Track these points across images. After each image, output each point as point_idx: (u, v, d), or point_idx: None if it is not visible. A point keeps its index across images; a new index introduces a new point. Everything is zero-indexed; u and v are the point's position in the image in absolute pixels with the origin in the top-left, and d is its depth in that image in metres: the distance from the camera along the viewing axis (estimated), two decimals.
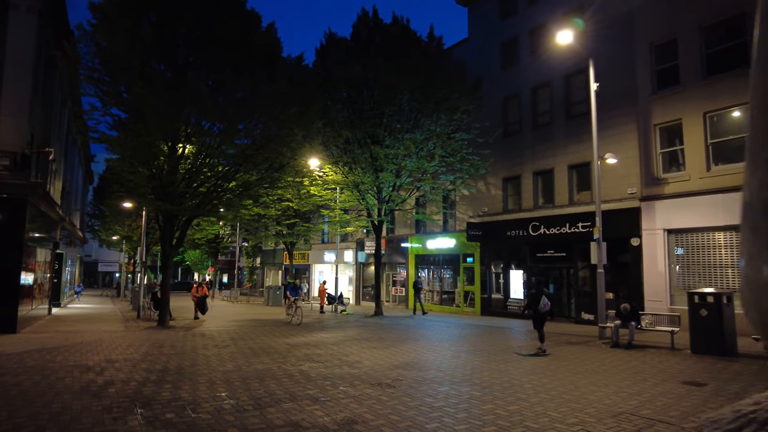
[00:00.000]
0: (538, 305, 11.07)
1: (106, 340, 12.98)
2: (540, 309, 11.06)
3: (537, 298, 11.19)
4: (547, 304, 11.11)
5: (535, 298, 11.26)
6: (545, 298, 11.15)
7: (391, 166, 18.60)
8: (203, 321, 19.37)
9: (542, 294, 11.24)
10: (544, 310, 11.05)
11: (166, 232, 17.07)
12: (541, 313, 11.08)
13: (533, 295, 11.43)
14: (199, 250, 47.72)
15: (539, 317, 11.12)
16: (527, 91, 21.31)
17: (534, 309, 11.18)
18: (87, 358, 9.98)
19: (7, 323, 13.99)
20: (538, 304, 11.09)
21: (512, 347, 12.20)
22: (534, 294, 11.48)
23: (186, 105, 13.55)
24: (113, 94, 13.83)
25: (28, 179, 14.47)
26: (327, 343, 12.59)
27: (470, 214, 23.17)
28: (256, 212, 24.44)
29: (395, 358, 10.23)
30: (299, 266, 37.48)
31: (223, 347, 11.80)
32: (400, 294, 27.73)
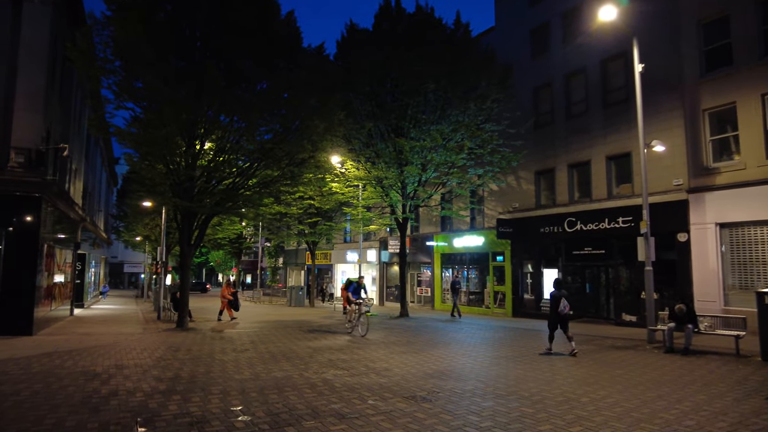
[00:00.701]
0: (558, 307, 10.74)
1: (121, 343, 12.39)
2: (560, 311, 10.72)
3: (557, 300, 10.82)
4: (567, 306, 10.77)
5: (555, 300, 10.87)
6: (565, 300, 10.80)
7: (417, 159, 17.63)
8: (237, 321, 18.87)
9: (562, 296, 10.85)
10: (564, 312, 10.73)
11: (184, 231, 16.48)
12: (561, 315, 10.75)
13: (553, 297, 11.03)
14: (222, 250, 47.63)
15: (560, 319, 10.81)
16: (560, 79, 20.12)
17: (554, 311, 10.86)
18: (97, 363, 9.33)
19: (22, 325, 13.54)
20: (558, 306, 10.74)
21: (554, 353, 11.12)
22: (553, 296, 11.03)
23: (202, 96, 12.85)
24: (126, 86, 13.24)
25: (43, 177, 14.01)
26: (352, 347, 11.74)
27: (500, 211, 22.06)
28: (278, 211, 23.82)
29: (427, 365, 9.29)
30: (322, 266, 36.82)
31: (242, 351, 11.05)
32: (426, 294, 26.75)
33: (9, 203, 13.64)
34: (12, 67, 14.12)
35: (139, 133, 13.42)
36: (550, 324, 11.08)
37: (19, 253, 13.69)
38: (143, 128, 13.35)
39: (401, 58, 17.01)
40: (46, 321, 15.95)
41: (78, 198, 22.73)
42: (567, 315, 10.82)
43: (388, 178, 18.68)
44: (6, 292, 13.47)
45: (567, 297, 10.95)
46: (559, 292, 10.99)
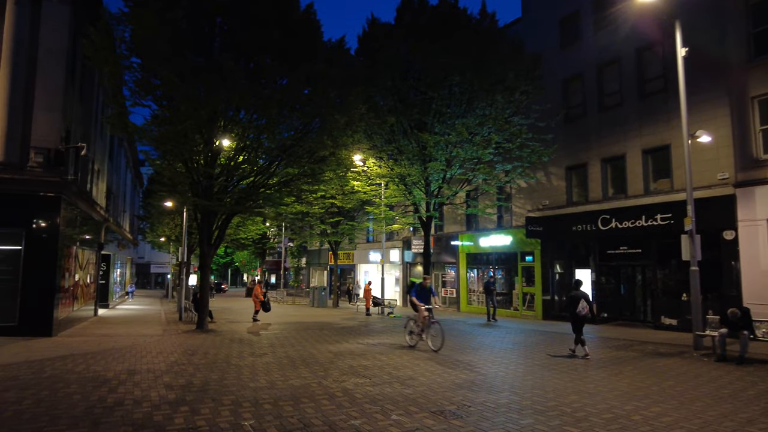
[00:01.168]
0: (576, 308, 10.51)
1: (138, 346, 12.07)
2: (578, 312, 10.49)
3: (575, 301, 10.57)
4: (585, 307, 10.51)
5: (573, 300, 10.63)
6: (584, 301, 10.55)
7: (441, 154, 16.91)
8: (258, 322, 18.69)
9: (580, 297, 10.60)
10: (582, 313, 10.48)
11: (203, 231, 16.16)
12: (579, 316, 10.50)
13: (570, 297, 10.84)
14: (246, 251, 47.69)
15: (578, 321, 10.56)
16: (591, 70, 19.13)
17: (572, 312, 10.65)
18: (109, 368, 8.96)
19: (41, 326, 13.39)
20: (576, 306, 10.51)
21: (593, 359, 10.31)
22: (572, 296, 10.81)
23: (219, 90, 12.43)
24: (143, 83, 12.94)
25: (62, 176, 13.85)
26: (374, 352, 11.14)
27: (528, 208, 21.16)
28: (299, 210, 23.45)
29: (455, 374, 8.62)
30: (344, 266, 36.38)
31: (260, 356, 10.57)
32: (451, 296, 25.98)
33: (29, 203, 13.52)
34: (31, 67, 14.01)
35: (157, 130, 13.08)
36: (574, 327, 10.76)
37: (39, 253, 13.55)
38: (160, 125, 13.02)
39: (425, 51, 16.36)
40: (68, 322, 15.85)
41: (101, 199, 22.76)
42: (585, 317, 10.51)
43: (411, 175, 18.02)
44: (26, 293, 13.35)
45: (586, 298, 10.67)
46: (577, 292, 10.73)
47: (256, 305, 19.70)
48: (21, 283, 13.37)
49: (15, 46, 13.79)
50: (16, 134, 13.68)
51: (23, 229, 13.50)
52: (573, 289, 11.16)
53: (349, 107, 13.49)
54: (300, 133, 15.28)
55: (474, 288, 24.56)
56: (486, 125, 16.59)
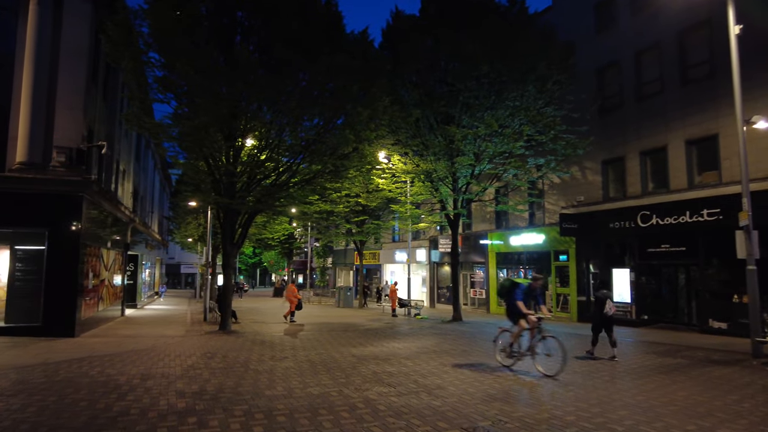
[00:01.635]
0: (604, 309, 10.38)
1: (158, 348, 11.77)
2: (606, 313, 10.36)
3: (602, 301, 10.45)
4: (612, 307, 10.44)
5: (600, 301, 10.52)
6: (610, 301, 10.46)
7: (469, 148, 16.11)
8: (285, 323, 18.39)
9: (607, 297, 10.50)
10: (609, 313, 10.37)
11: (226, 230, 15.85)
12: (607, 317, 10.36)
13: (598, 297, 10.68)
14: (273, 251, 47.73)
15: (605, 321, 10.40)
16: (629, 56, 18.04)
17: (599, 313, 10.49)
18: (124, 372, 8.60)
19: (64, 327, 13.27)
20: (603, 307, 10.39)
21: (637, 366, 9.44)
22: (598, 297, 10.67)
23: (237, 83, 12.02)
24: (161, 79, 12.65)
25: (83, 175, 13.72)
26: (399, 356, 10.51)
27: (562, 205, 20.17)
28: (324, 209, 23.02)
29: (488, 383, 7.91)
30: (370, 266, 35.88)
31: (280, 360, 10.08)
32: (480, 297, 25.12)
33: (52, 203, 13.41)
34: (54, 66, 13.93)
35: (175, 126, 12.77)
36: (594, 326, 10.65)
37: (62, 253, 13.44)
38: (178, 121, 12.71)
39: (451, 40, 15.63)
40: (93, 322, 15.77)
41: (127, 199, 22.84)
42: (613, 317, 10.40)
43: (438, 171, 17.27)
44: (49, 293, 13.26)
45: (612, 298, 10.49)
46: (604, 292, 10.60)
47: (292, 306, 19.38)
48: (44, 283, 13.30)
49: (37, 46, 13.72)
50: (39, 134, 13.61)
51: (46, 228, 13.41)
52: (599, 288, 10.99)
53: (372, 100, 12.90)
54: (322, 129, 14.80)
55: None
56: (517, 117, 15.72)
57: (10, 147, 13.50)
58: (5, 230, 13.37)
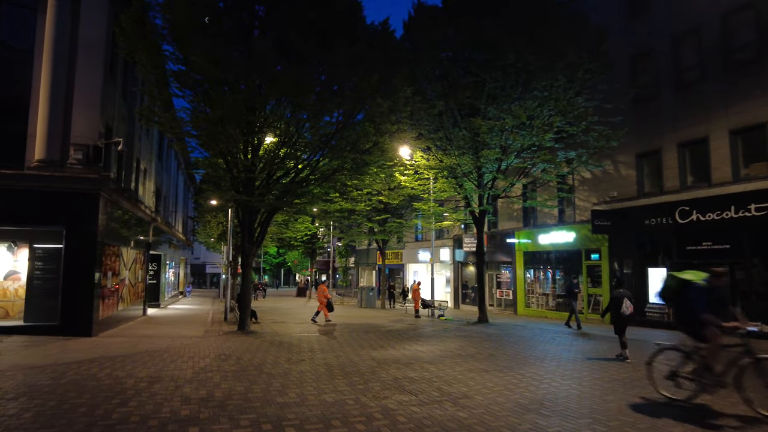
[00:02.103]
0: (621, 308, 10.01)
1: (173, 348, 11.43)
2: (623, 312, 10.01)
3: (619, 300, 10.07)
4: (630, 307, 10.04)
5: (617, 300, 10.12)
6: (628, 300, 10.07)
7: (496, 141, 15.31)
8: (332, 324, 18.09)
9: (624, 296, 10.12)
10: (627, 313, 10.01)
11: (245, 228, 15.51)
12: (624, 316, 10.02)
13: (615, 297, 10.24)
14: (296, 251, 47.63)
15: (623, 321, 10.06)
16: (665, 42, 16.98)
17: (616, 312, 10.10)
18: (133, 374, 8.23)
19: (81, 326, 13.09)
20: (620, 307, 10.02)
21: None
22: (615, 296, 10.25)
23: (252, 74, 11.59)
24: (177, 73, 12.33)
25: (100, 173, 13.53)
26: (422, 360, 9.89)
27: (594, 201, 19.20)
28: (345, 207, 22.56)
29: (519, 391, 7.23)
30: (393, 266, 35.30)
31: (296, 363, 9.59)
32: (507, 297, 24.24)
33: (69, 201, 13.27)
34: (71, 63, 13.79)
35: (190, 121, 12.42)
36: (617, 329, 10.21)
37: (79, 251, 13.28)
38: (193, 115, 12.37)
39: (474, 28, 14.92)
40: (113, 321, 15.63)
41: (148, 198, 22.81)
42: (630, 317, 10.04)
43: (462, 166, 16.50)
44: (66, 292, 13.10)
45: (630, 297, 10.17)
46: (621, 291, 10.26)
47: (321, 306, 18.96)
48: (62, 281, 13.15)
49: (56, 42, 13.60)
50: (57, 131, 13.48)
51: (63, 226, 13.26)
52: (615, 288, 10.60)
53: (392, 91, 12.31)
54: (341, 125, 14.31)
55: (533, 290, 22.74)
56: (546, 107, 14.87)
57: (29, 144, 13.41)
58: (24, 228, 13.27)
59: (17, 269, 13.78)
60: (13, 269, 13.94)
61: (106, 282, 15.05)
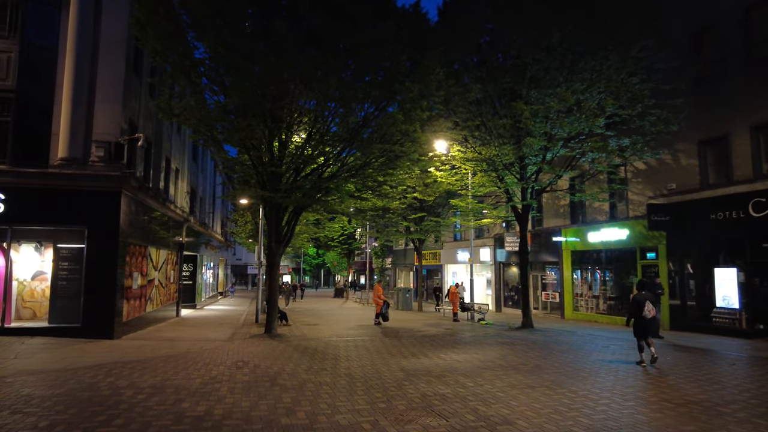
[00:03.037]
0: (642, 312, 9.61)
1: (191, 353, 10.78)
2: (644, 316, 9.61)
3: (640, 304, 9.65)
4: (652, 311, 9.66)
5: (638, 303, 9.69)
6: (650, 303, 9.67)
7: (540, 127, 13.86)
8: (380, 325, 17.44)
9: (646, 299, 9.69)
10: (648, 317, 9.63)
11: (271, 227, 14.81)
12: (645, 320, 9.63)
13: (635, 300, 9.80)
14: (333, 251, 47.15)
15: (643, 325, 9.66)
16: (733, 14, 15.07)
17: (638, 316, 9.67)
18: (136, 383, 7.52)
19: (103, 328, 12.68)
20: (642, 310, 9.61)
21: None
22: (636, 299, 9.79)
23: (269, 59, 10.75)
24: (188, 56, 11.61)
25: (121, 170, 13.12)
26: (457, 372, 8.75)
27: (649, 195, 17.41)
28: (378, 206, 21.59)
29: (572, 415, 6.01)
30: (430, 267, 34.10)
31: (316, 372, 8.67)
32: (553, 300, 22.60)
33: (91, 199, 12.92)
34: (94, 58, 13.48)
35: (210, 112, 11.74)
36: (636, 332, 9.78)
37: (101, 251, 12.90)
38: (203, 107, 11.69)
39: (517, 6, 13.59)
40: (140, 323, 15.26)
41: (181, 199, 22.61)
42: (653, 319, 9.74)
43: (502, 156, 15.08)
44: (88, 293, 12.74)
45: (652, 300, 9.78)
46: (643, 294, 9.84)
47: (378, 307, 18.22)
48: (84, 282, 12.80)
49: (79, 38, 13.30)
50: (79, 129, 13.16)
51: (85, 226, 12.91)
52: (638, 290, 10.11)
53: (423, 73, 11.19)
54: (370, 115, 13.32)
55: (581, 292, 21.04)
56: (596, 88, 13.29)
57: (52, 143, 13.15)
58: (49, 228, 13.03)
59: (44, 270, 13.59)
60: (40, 269, 13.77)
61: (132, 283, 14.69)
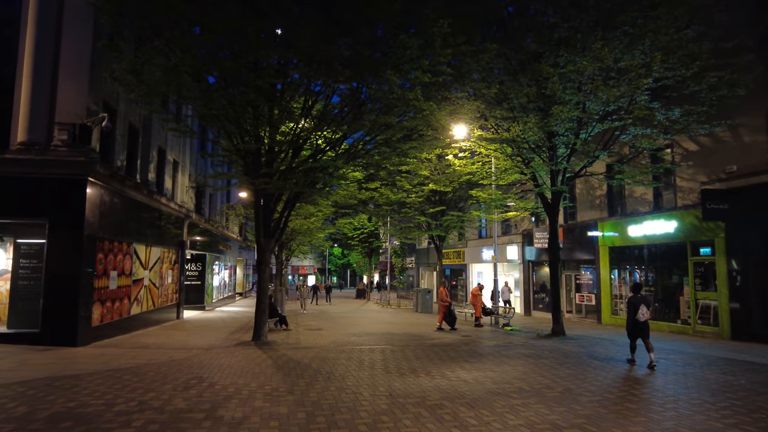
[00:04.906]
0: (636, 314, 9.43)
1: (151, 365, 9.10)
2: (638, 319, 9.42)
3: (635, 306, 9.50)
4: (646, 313, 9.45)
5: (633, 305, 9.55)
6: (644, 306, 9.49)
7: (570, 95, 11.49)
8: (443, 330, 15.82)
9: (642, 301, 9.55)
10: (642, 320, 9.42)
11: (259, 220, 13.05)
12: (639, 323, 9.45)
13: (630, 302, 9.69)
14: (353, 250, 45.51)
15: (638, 328, 9.50)
16: None
17: (632, 319, 9.54)
18: (37, 411, 5.80)
19: (64, 334, 11.16)
20: (636, 312, 9.44)
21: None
22: (632, 301, 9.66)
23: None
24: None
25: (87, 155, 11.59)
26: (459, 400, 6.70)
27: (702, 180, 14.85)
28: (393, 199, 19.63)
29: None
30: (454, 266, 31.89)
31: (277, 397, 6.79)
32: (588, 303, 20.11)
33: (52, 188, 11.45)
34: (58, 32, 12.00)
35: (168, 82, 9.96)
36: (629, 333, 9.75)
37: (63, 247, 11.39)
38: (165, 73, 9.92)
39: None
40: (118, 327, 13.70)
41: (182, 193, 21.21)
42: (646, 322, 9.55)
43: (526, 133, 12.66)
44: (48, 295, 11.24)
45: (648, 303, 9.68)
46: (637, 296, 9.74)
47: (441, 311, 16.53)
48: (44, 282, 11.31)
49: (41, 7, 11.87)
50: (41, 110, 11.71)
51: (47, 219, 11.43)
52: (632, 292, 9.90)
53: (423, 24, 9.10)
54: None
55: (621, 294, 18.50)
56: (639, 45, 10.81)
57: (13, 125, 11.75)
58: (5, 221, 11.63)
59: (9, 268, 12.21)
60: (5, 268, 12.43)
61: (108, 283, 13.19)
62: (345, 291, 68.76)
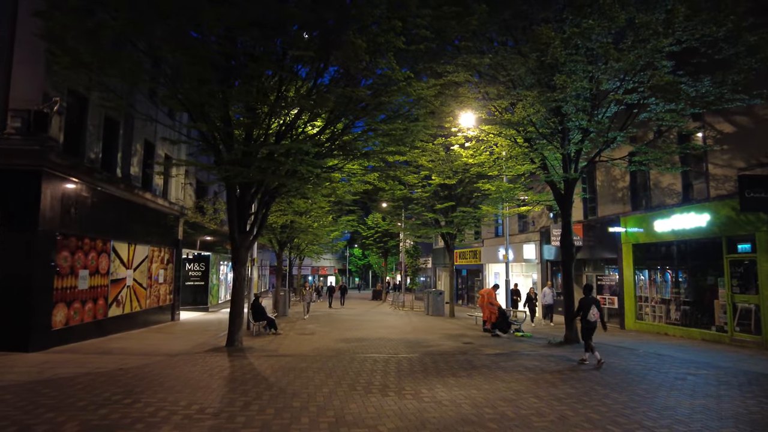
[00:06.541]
0: (588, 314, 9.69)
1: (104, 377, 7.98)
2: (589, 319, 9.68)
3: (587, 307, 9.72)
4: (596, 314, 9.69)
5: (584, 306, 9.78)
6: (595, 307, 9.72)
7: (579, 66, 9.77)
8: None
9: (592, 302, 9.76)
10: (593, 320, 9.69)
11: (232, 213, 11.89)
12: (590, 322, 9.70)
13: (581, 303, 9.89)
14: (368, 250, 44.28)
15: (588, 328, 9.73)
16: None
17: (583, 318, 9.78)
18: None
19: (13, 338, 10.21)
20: (588, 312, 9.69)
21: None
22: (582, 302, 9.85)
23: None
24: None
25: (41, 144, 10.63)
26: (425, 428, 5.31)
27: (740, 166, 12.97)
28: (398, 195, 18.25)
29: None
30: (469, 266, 30.25)
31: (194, 423, 5.52)
32: (610, 306, 18.25)
33: (4, 180, 10.54)
34: (13, 10, 11.13)
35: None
36: (584, 335, 9.87)
37: (17, 244, 10.46)
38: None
39: None
40: (88, 330, 12.70)
41: (177, 190, 20.34)
42: (595, 323, 9.71)
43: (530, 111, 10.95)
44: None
45: (597, 304, 9.82)
46: (589, 297, 9.86)
47: (492, 317, 15.29)
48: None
49: None
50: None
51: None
52: (584, 293, 10.10)
53: None
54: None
55: (647, 296, 16.62)
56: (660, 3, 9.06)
57: None
58: None
59: None
60: None
61: (77, 282, 12.25)
62: (364, 292, 67.65)
